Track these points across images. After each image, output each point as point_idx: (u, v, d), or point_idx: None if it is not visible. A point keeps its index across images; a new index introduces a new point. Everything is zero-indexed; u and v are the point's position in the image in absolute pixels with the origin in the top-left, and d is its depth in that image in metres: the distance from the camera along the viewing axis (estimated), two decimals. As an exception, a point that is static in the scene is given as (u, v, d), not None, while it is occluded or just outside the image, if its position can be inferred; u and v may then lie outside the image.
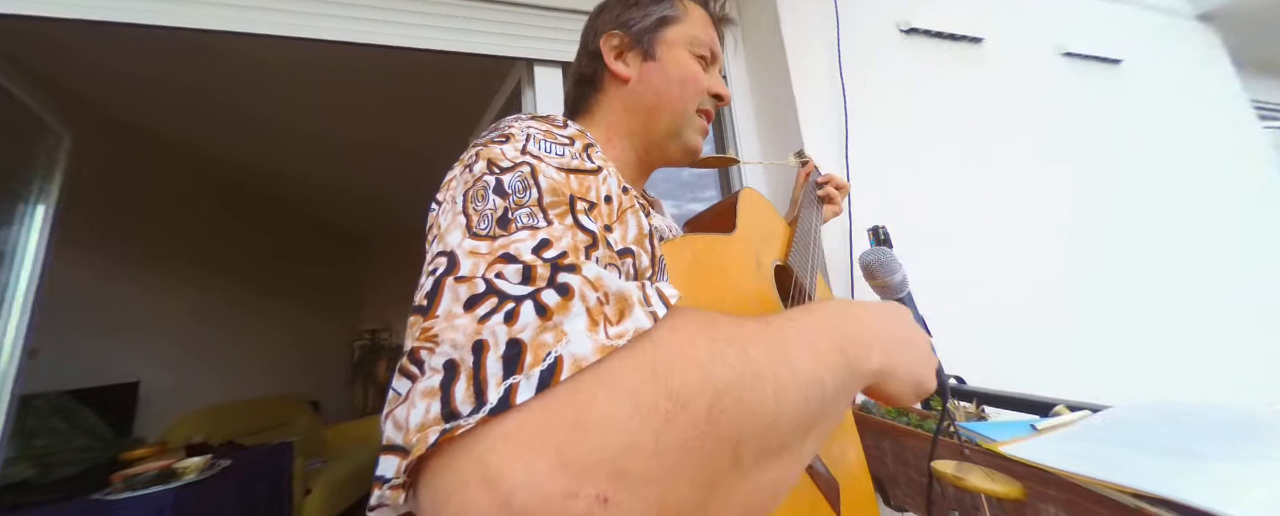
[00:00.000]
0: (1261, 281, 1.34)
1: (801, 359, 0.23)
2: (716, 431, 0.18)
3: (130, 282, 2.23)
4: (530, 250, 0.21)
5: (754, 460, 0.19)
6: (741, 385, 0.20)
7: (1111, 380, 1.07)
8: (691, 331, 0.21)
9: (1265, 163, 1.56)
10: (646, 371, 0.18)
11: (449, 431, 0.16)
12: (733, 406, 0.19)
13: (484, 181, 0.25)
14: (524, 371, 0.17)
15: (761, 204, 0.56)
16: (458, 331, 0.19)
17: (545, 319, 0.19)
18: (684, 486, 0.17)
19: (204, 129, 2.30)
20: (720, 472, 0.18)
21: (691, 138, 0.49)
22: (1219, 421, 0.45)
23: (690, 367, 0.19)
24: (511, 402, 0.16)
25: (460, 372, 0.17)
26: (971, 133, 1.19)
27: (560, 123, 0.33)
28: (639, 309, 0.20)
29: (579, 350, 0.18)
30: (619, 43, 0.48)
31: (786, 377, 0.22)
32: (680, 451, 0.17)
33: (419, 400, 0.18)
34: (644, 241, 0.28)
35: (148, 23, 0.87)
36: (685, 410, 0.18)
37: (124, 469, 1.47)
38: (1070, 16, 1.45)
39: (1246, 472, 0.35)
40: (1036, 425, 0.53)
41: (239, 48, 1.67)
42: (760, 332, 0.23)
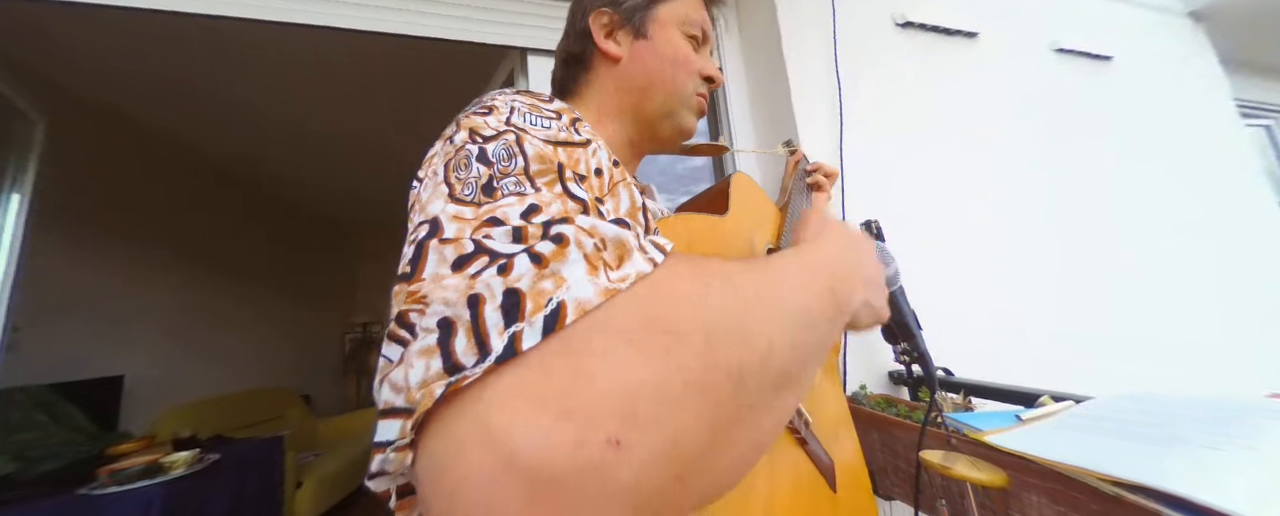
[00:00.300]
0: (1244, 276, 1.38)
1: (792, 291, 0.24)
2: (717, 363, 0.18)
3: (115, 274, 2.18)
4: (518, 214, 0.20)
5: (756, 389, 0.19)
6: (735, 315, 0.20)
7: (1096, 372, 1.09)
8: (682, 270, 0.21)
9: (1248, 160, 1.60)
10: (641, 311, 0.18)
11: (455, 382, 0.15)
12: (728, 337, 0.19)
13: (466, 150, 0.24)
14: (526, 318, 0.16)
15: (753, 189, 0.56)
16: (448, 290, 0.18)
17: (541, 267, 0.18)
18: (692, 420, 0.17)
19: (190, 118, 2.24)
20: (725, 404, 0.18)
21: (685, 118, 0.48)
22: (1198, 411, 0.46)
23: (683, 303, 0.19)
24: (517, 349, 0.16)
25: (458, 327, 0.17)
26: (965, 126, 1.20)
27: (546, 98, 0.32)
28: (638, 254, 0.20)
29: (582, 294, 0.17)
30: (609, 21, 0.46)
31: (777, 308, 0.22)
32: (683, 386, 0.17)
33: (417, 359, 0.17)
34: (637, 214, 0.27)
35: (134, 5, 0.84)
36: (683, 344, 0.17)
37: (110, 463, 1.45)
38: (1063, 13, 1.45)
39: (1224, 461, 0.36)
40: (1021, 415, 0.54)
41: (225, 33, 1.62)
42: (750, 268, 0.24)
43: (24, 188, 1.20)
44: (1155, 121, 1.47)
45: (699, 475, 0.17)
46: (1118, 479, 0.36)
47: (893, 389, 0.92)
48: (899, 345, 0.60)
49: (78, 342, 1.95)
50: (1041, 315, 1.11)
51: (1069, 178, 1.27)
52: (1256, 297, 1.37)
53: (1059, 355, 1.08)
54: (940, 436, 0.54)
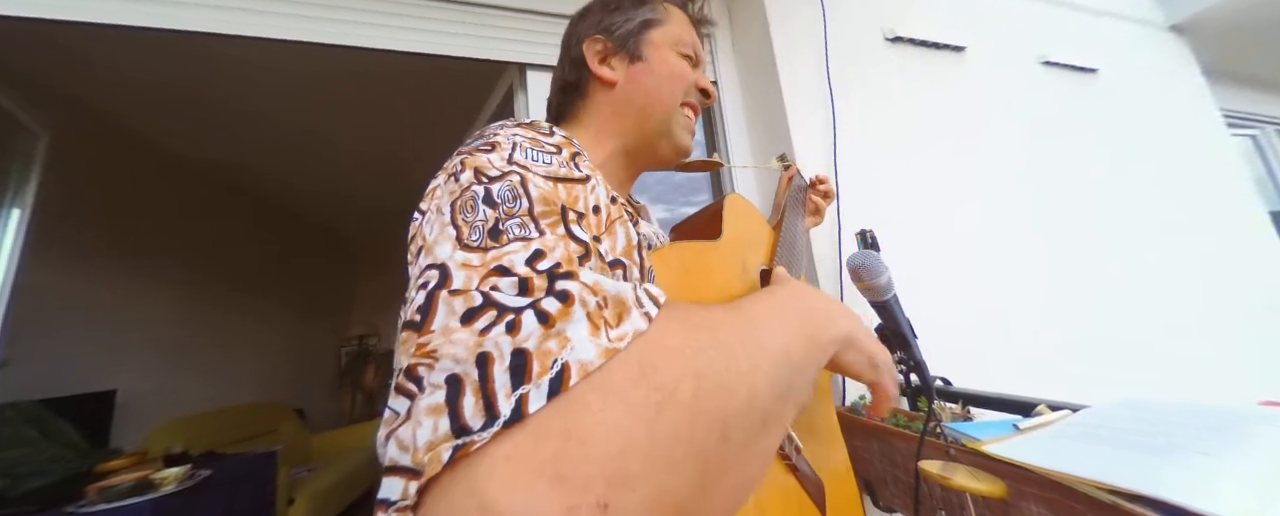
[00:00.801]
0: (1233, 283, 1.39)
1: (769, 334, 0.25)
2: (704, 414, 0.19)
3: (109, 286, 2.17)
4: (523, 262, 0.21)
5: (742, 436, 0.20)
6: (718, 365, 0.21)
7: (1088, 378, 1.10)
8: (676, 328, 0.22)
9: (1236, 169, 1.62)
10: (634, 370, 0.18)
11: (463, 447, 0.16)
12: (713, 387, 0.20)
13: (472, 191, 0.24)
14: (532, 381, 0.17)
15: (747, 209, 0.57)
16: (457, 346, 0.18)
17: (547, 326, 0.18)
18: (680, 474, 0.17)
19: (188, 131, 2.26)
20: (712, 453, 0.19)
21: (680, 135, 0.49)
22: (1192, 419, 0.46)
23: (671, 357, 0.20)
24: (524, 413, 0.16)
25: (465, 387, 0.17)
26: (955, 137, 1.22)
27: (546, 129, 0.33)
28: (635, 311, 0.21)
29: (584, 355, 0.18)
30: (603, 48, 0.48)
31: (757, 352, 0.23)
32: (672, 441, 0.17)
33: (425, 417, 0.17)
34: (632, 253, 0.28)
35: (138, 24, 0.86)
36: (672, 399, 0.18)
37: (99, 480, 1.43)
38: (1049, 27, 1.49)
39: (1218, 469, 0.36)
40: (1019, 425, 0.54)
41: (228, 50, 1.65)
42: (729, 316, 0.25)
43: (25, 202, 1.20)
44: (1142, 132, 1.50)
45: None
46: (1115, 487, 0.36)
47: (891, 398, 0.92)
48: (895, 354, 0.60)
49: (70, 356, 1.93)
50: (1034, 323, 1.11)
51: (1058, 188, 1.29)
52: (1245, 304, 1.38)
53: (1052, 362, 1.08)
54: (939, 446, 0.54)
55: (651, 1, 0.50)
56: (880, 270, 0.50)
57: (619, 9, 0.49)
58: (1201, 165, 1.55)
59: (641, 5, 0.49)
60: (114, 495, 1.37)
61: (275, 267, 3.41)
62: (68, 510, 1.31)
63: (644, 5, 0.49)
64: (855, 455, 0.74)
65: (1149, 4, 1.78)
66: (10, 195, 1.21)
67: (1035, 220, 1.23)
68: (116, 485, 1.40)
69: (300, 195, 3.23)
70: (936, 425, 0.56)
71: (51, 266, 1.84)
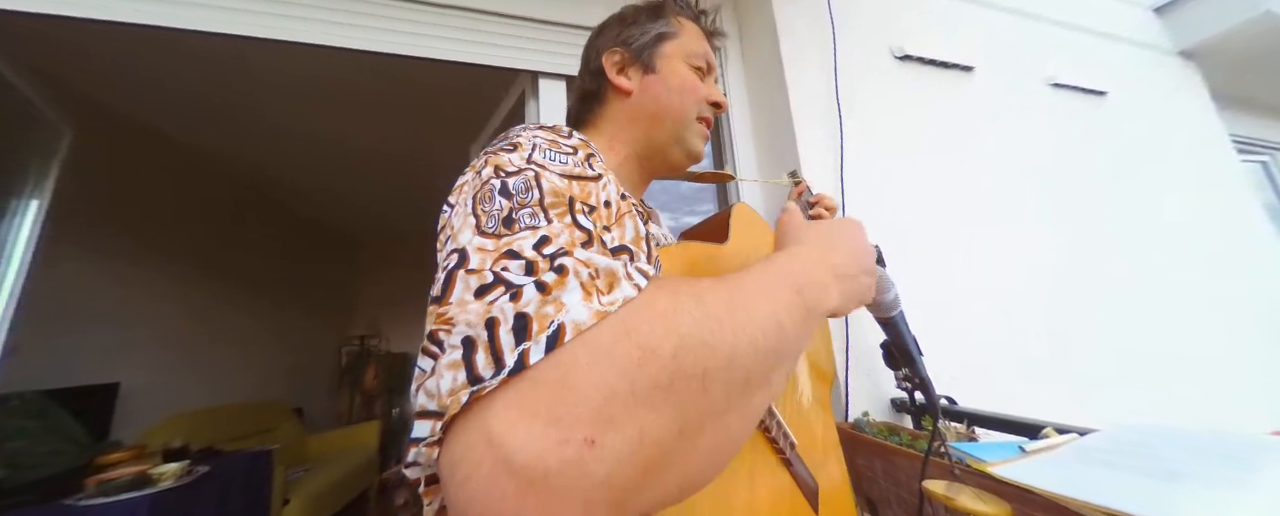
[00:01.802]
0: (1242, 310, 1.37)
1: (758, 302, 0.26)
2: (682, 369, 0.21)
3: (117, 281, 2.19)
4: (531, 246, 0.23)
5: (723, 391, 0.22)
6: (702, 327, 0.22)
7: (1098, 403, 1.08)
8: (663, 294, 0.24)
9: (1244, 195, 1.61)
10: (619, 330, 0.21)
11: (477, 391, 0.19)
12: (695, 346, 0.21)
13: (490, 184, 0.28)
14: (532, 338, 0.20)
15: (754, 219, 0.58)
16: (470, 313, 0.21)
17: (545, 294, 0.21)
18: (659, 419, 0.19)
19: (204, 131, 2.30)
20: (690, 403, 0.21)
21: (693, 142, 0.51)
22: (1202, 446, 0.46)
23: (656, 320, 0.22)
24: (526, 363, 0.19)
25: (478, 345, 0.20)
26: (963, 156, 1.22)
27: (565, 132, 0.35)
28: (625, 282, 0.24)
29: (578, 316, 0.21)
30: (620, 59, 0.50)
31: (743, 318, 0.25)
32: (652, 389, 0.20)
33: (445, 371, 0.20)
34: (640, 242, 0.30)
35: (158, 24, 0.88)
36: (653, 356, 0.20)
37: (98, 473, 1.43)
38: (1058, 49, 1.50)
39: (1228, 498, 0.35)
40: (1025, 447, 0.54)
41: (248, 52, 1.69)
42: (719, 284, 0.26)
43: (44, 194, 1.23)
44: (1152, 155, 1.49)
45: (668, 468, 0.20)
46: (1122, 513, 0.36)
47: (896, 416, 0.91)
48: (901, 371, 0.60)
49: (76, 348, 1.95)
50: (1040, 345, 1.10)
51: (1067, 209, 1.29)
52: (1255, 329, 1.36)
53: (1058, 384, 1.07)
54: (944, 467, 0.53)
55: (666, 15, 0.52)
56: (886, 287, 0.50)
57: (635, 23, 0.52)
58: (1211, 190, 1.54)
59: (656, 19, 0.52)
60: (112, 488, 1.37)
61: (280, 266, 3.44)
62: (66, 502, 1.32)
63: (659, 19, 0.52)
64: (858, 473, 0.73)
65: (1158, 29, 1.79)
66: (31, 187, 1.23)
67: (1043, 241, 1.22)
68: (115, 478, 1.40)
69: (309, 195, 3.27)
70: (941, 444, 0.55)
71: (65, 259, 1.87)
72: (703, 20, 0.56)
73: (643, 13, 0.53)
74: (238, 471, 1.81)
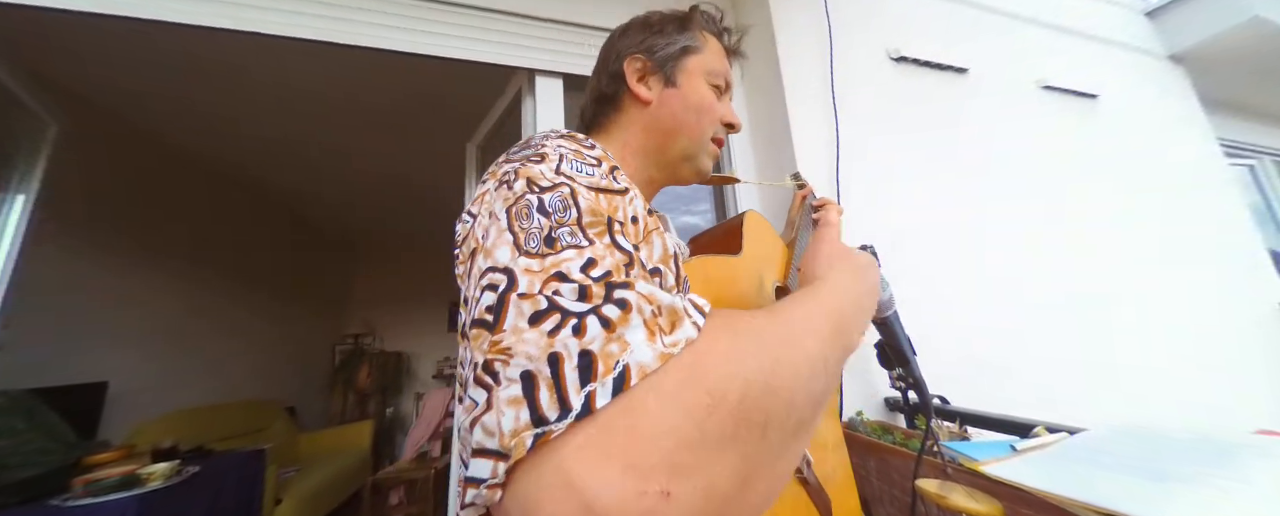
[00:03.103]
0: (1228, 312, 1.40)
1: (808, 342, 0.26)
2: (748, 417, 0.20)
3: (105, 278, 2.16)
4: (578, 269, 0.23)
5: (779, 438, 0.22)
6: (764, 371, 0.22)
7: (1088, 403, 1.09)
8: (722, 335, 0.23)
9: (1233, 197, 1.64)
10: (686, 374, 0.20)
11: (542, 435, 0.18)
12: (758, 392, 0.21)
13: (526, 200, 0.27)
14: (598, 379, 0.19)
15: (764, 227, 0.58)
16: (528, 344, 0.20)
17: (609, 331, 0.21)
18: (726, 470, 0.19)
19: (194, 126, 2.27)
20: (753, 453, 0.20)
21: (703, 162, 0.51)
22: (1190, 446, 0.46)
23: (721, 363, 0.21)
24: (592, 407, 0.19)
25: (540, 382, 0.19)
26: (957, 157, 1.23)
27: (588, 143, 0.35)
28: (686, 320, 0.23)
29: (643, 358, 0.20)
30: (642, 66, 0.49)
31: (800, 360, 0.25)
32: (720, 439, 0.19)
33: (506, 407, 0.19)
34: (669, 261, 0.30)
35: (147, 17, 0.87)
36: (722, 403, 0.20)
37: (86, 473, 1.41)
38: (1050, 52, 1.52)
39: (1214, 496, 0.36)
40: (1016, 446, 0.54)
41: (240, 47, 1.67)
42: (772, 322, 0.26)
43: (30, 189, 1.21)
44: (1142, 158, 1.52)
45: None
46: (1112, 511, 0.36)
47: (889, 415, 0.92)
48: (895, 370, 0.60)
49: (64, 345, 1.92)
50: (1031, 344, 1.11)
51: (1058, 210, 1.30)
52: (1242, 331, 1.38)
53: (1048, 383, 1.08)
54: (936, 465, 0.54)
55: (692, 29, 0.51)
56: (882, 288, 0.50)
57: (662, 32, 0.50)
58: (1199, 193, 1.57)
59: (684, 31, 0.50)
60: (100, 489, 1.35)
61: (273, 264, 3.40)
62: (52, 502, 1.29)
63: (686, 31, 0.50)
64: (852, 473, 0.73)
65: (1148, 33, 1.82)
66: (16, 181, 1.21)
67: (1035, 241, 1.24)
68: (103, 479, 1.38)
69: (301, 194, 3.24)
70: (934, 443, 0.56)
71: (52, 255, 1.84)
72: (726, 38, 0.55)
73: (670, 22, 0.51)
74: (229, 471, 1.79)
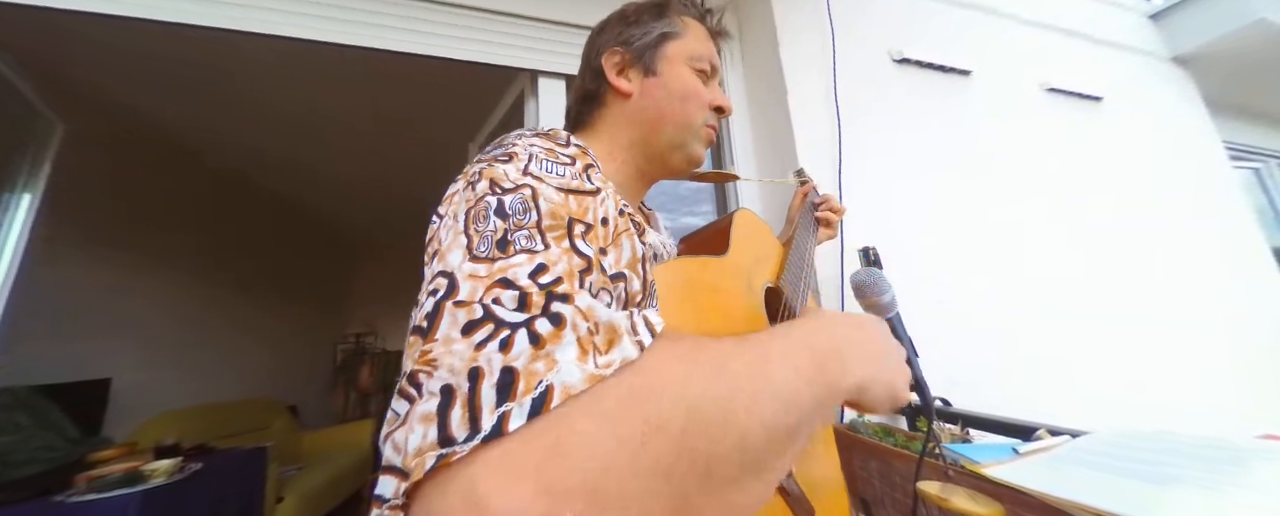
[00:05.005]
0: (1233, 316, 1.39)
1: (780, 374, 0.24)
2: (690, 453, 0.19)
3: (109, 277, 2.18)
4: (526, 275, 0.22)
5: (729, 477, 0.20)
6: (714, 403, 0.20)
7: (1091, 406, 1.09)
8: (668, 357, 0.22)
9: (1237, 200, 1.63)
10: (625, 397, 0.19)
11: (445, 456, 0.17)
12: (704, 426, 0.20)
13: (486, 202, 0.26)
14: (516, 398, 0.18)
15: (756, 225, 0.57)
16: (454, 356, 0.19)
17: (538, 347, 0.19)
18: (655, 506, 0.18)
19: (199, 126, 2.28)
20: (691, 493, 0.19)
21: (695, 148, 0.49)
22: (1194, 451, 0.46)
23: (665, 390, 0.20)
24: (504, 430, 0.17)
25: (456, 398, 0.18)
26: (960, 159, 1.23)
27: (562, 140, 0.34)
28: (627, 338, 0.21)
29: (569, 378, 0.19)
30: (620, 59, 0.48)
31: (763, 392, 0.23)
32: (652, 473, 0.18)
33: (417, 425, 0.18)
34: (636, 266, 0.29)
35: (148, 17, 0.88)
36: (660, 432, 0.18)
37: (89, 470, 1.41)
38: (1054, 54, 1.52)
39: (1218, 501, 0.36)
40: (1019, 449, 0.54)
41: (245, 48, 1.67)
42: (739, 352, 0.24)
43: (36, 188, 1.22)
44: (1146, 160, 1.51)
45: None
46: (1114, 515, 0.36)
47: (891, 417, 0.92)
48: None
49: (68, 343, 1.93)
50: (1034, 346, 1.11)
51: (1062, 212, 1.30)
52: (1246, 334, 1.37)
53: (1051, 385, 1.08)
54: (938, 468, 0.53)
55: (669, 15, 0.50)
56: (884, 288, 0.50)
57: (638, 22, 0.49)
58: (1204, 196, 1.56)
59: (660, 18, 0.49)
60: (103, 485, 1.36)
61: (275, 263, 3.42)
62: (55, 499, 1.30)
63: (662, 18, 0.49)
64: (853, 474, 0.73)
65: (1152, 35, 1.81)
66: (23, 180, 1.22)
67: (1038, 244, 1.23)
68: (106, 475, 1.39)
69: (305, 192, 3.25)
70: (936, 446, 0.55)
71: (57, 253, 1.85)
72: (708, 20, 0.53)
73: (645, 11, 0.50)
74: (231, 469, 1.80)
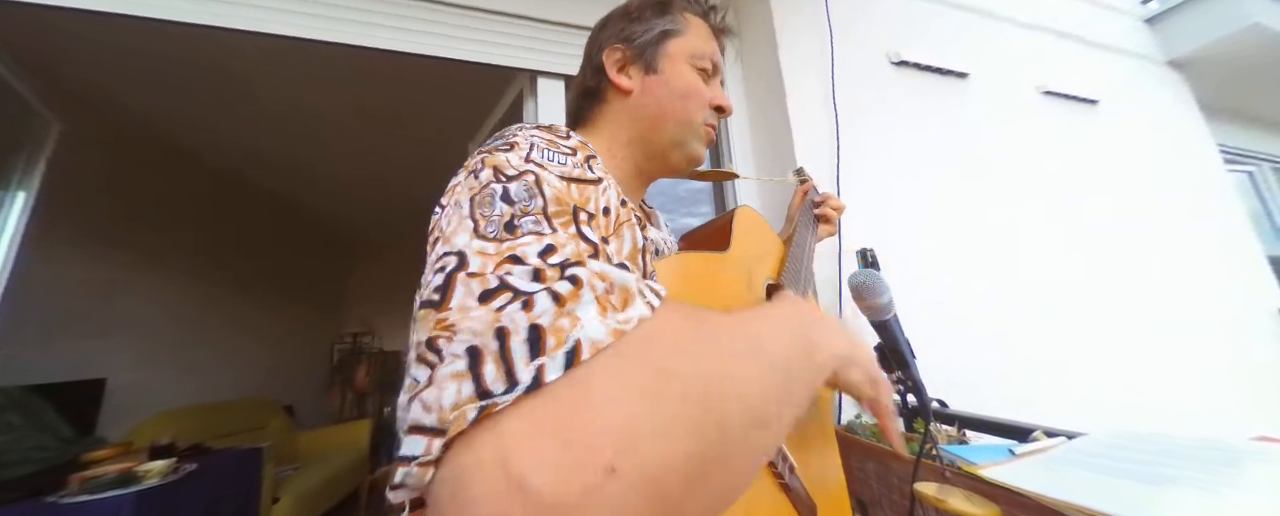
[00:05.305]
0: (1227, 317, 1.40)
1: (769, 344, 0.26)
2: (704, 403, 0.20)
3: (103, 274, 2.16)
4: (536, 254, 0.22)
5: (738, 432, 0.21)
6: (717, 357, 0.22)
7: (1087, 407, 1.09)
8: (677, 318, 0.23)
9: (1231, 203, 1.64)
10: (646, 351, 0.20)
11: (487, 407, 0.17)
12: (713, 380, 0.21)
13: (490, 188, 0.26)
14: (548, 353, 0.18)
15: (757, 223, 0.57)
16: (474, 321, 0.19)
17: (560, 306, 0.20)
18: (679, 455, 0.18)
19: (196, 125, 2.27)
20: (710, 443, 0.19)
21: (694, 147, 0.49)
22: (1188, 450, 0.47)
23: (676, 344, 0.21)
24: (542, 381, 0.17)
25: (486, 356, 0.18)
26: (957, 161, 1.24)
27: (563, 133, 0.34)
28: (639, 299, 0.22)
29: (594, 333, 0.19)
30: (621, 56, 0.48)
31: (755, 354, 0.24)
32: (673, 419, 0.18)
33: (448, 382, 0.18)
34: (637, 257, 0.29)
35: (146, 15, 0.87)
36: (674, 381, 0.19)
37: (83, 470, 1.40)
38: (1050, 57, 1.52)
39: (1214, 502, 0.36)
40: (1015, 450, 0.54)
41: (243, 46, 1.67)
42: (734, 320, 0.26)
43: (31, 186, 1.21)
44: (1141, 163, 1.52)
45: (679, 508, 0.18)
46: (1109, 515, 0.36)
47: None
48: (893, 373, 0.60)
49: (62, 342, 1.92)
50: (1030, 348, 1.11)
51: (1058, 214, 1.31)
52: (1242, 335, 1.38)
53: (1047, 387, 1.08)
54: (935, 469, 0.54)
55: (672, 12, 0.49)
56: (881, 290, 0.50)
57: (639, 19, 0.49)
58: (1198, 199, 1.57)
59: (662, 15, 0.49)
60: (97, 486, 1.35)
61: (272, 262, 3.40)
62: (48, 499, 1.29)
63: (664, 15, 0.49)
64: (851, 475, 0.73)
65: (1148, 39, 1.82)
66: (17, 179, 1.21)
67: (1035, 245, 1.24)
68: (100, 476, 1.38)
69: (301, 192, 3.24)
70: (933, 447, 0.56)
71: (52, 252, 1.84)
72: (712, 17, 0.52)
73: (648, 7, 0.50)
74: (226, 469, 1.79)
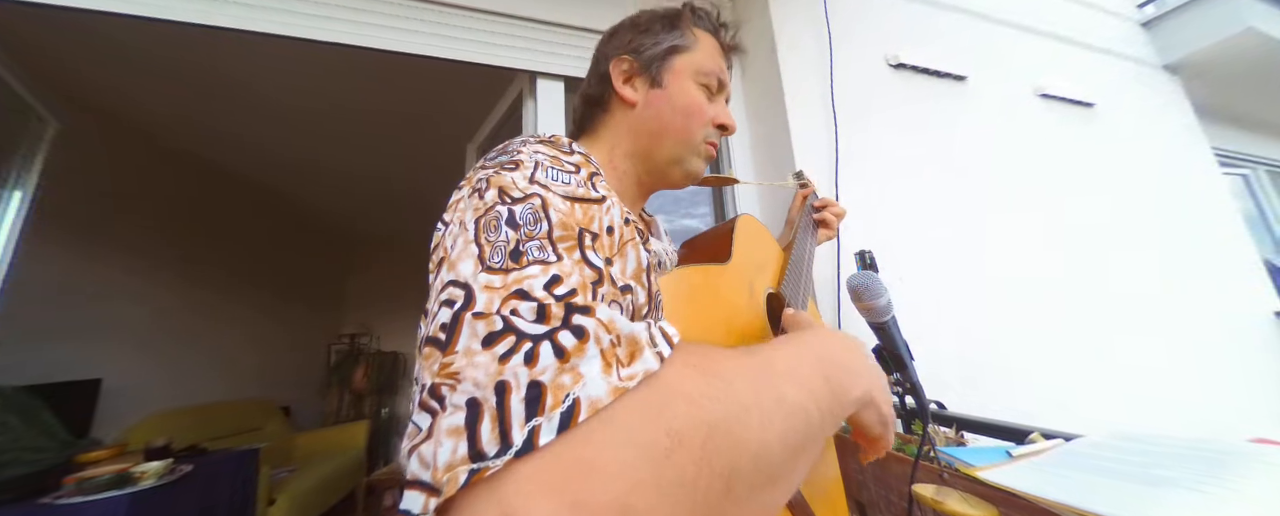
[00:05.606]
0: (1223, 319, 1.40)
1: (788, 388, 0.25)
2: (711, 465, 0.19)
3: (100, 276, 2.15)
4: (542, 286, 0.22)
5: (746, 491, 0.20)
6: (731, 417, 0.21)
7: (1084, 409, 1.10)
8: (685, 369, 0.22)
9: (1226, 206, 1.65)
10: (648, 411, 0.19)
11: (478, 471, 0.17)
12: (724, 440, 0.20)
13: (496, 212, 0.26)
14: (545, 413, 0.18)
15: (758, 231, 0.57)
16: (478, 369, 0.19)
17: (563, 361, 0.20)
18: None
19: (193, 125, 2.27)
20: (714, 504, 0.19)
21: (693, 165, 0.49)
22: (1184, 452, 0.47)
23: (684, 403, 0.20)
24: (535, 445, 0.17)
25: (484, 412, 0.18)
26: (955, 164, 1.24)
27: (566, 147, 0.34)
28: (648, 350, 0.22)
29: (595, 392, 0.19)
30: (628, 68, 0.48)
31: (773, 407, 0.23)
32: (678, 486, 0.18)
33: (445, 438, 0.18)
34: (641, 276, 0.29)
35: (145, 15, 0.87)
36: (682, 446, 0.19)
37: (78, 471, 1.40)
38: (1047, 61, 1.53)
39: (1209, 503, 0.36)
40: (1012, 451, 0.55)
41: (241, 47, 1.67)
42: (748, 365, 0.25)
43: (27, 186, 1.20)
44: (1137, 166, 1.53)
45: None
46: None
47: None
48: (892, 375, 0.60)
49: (58, 342, 1.91)
50: (1028, 350, 1.12)
51: (1056, 217, 1.31)
52: (1237, 337, 1.39)
53: (1044, 389, 1.09)
54: (933, 471, 0.54)
55: (682, 27, 0.49)
56: (880, 292, 0.51)
57: (649, 31, 0.49)
58: (1194, 201, 1.58)
59: (671, 29, 0.49)
60: (92, 487, 1.34)
61: (269, 263, 3.39)
62: (44, 500, 1.28)
63: (674, 30, 0.49)
64: (849, 477, 0.73)
65: (1144, 43, 1.84)
66: (13, 178, 1.21)
67: (1032, 248, 1.24)
68: (95, 477, 1.37)
69: (297, 193, 3.23)
70: (931, 449, 0.56)
71: (47, 251, 1.83)
72: (722, 34, 0.52)
73: (658, 20, 0.49)
74: (222, 471, 1.78)
